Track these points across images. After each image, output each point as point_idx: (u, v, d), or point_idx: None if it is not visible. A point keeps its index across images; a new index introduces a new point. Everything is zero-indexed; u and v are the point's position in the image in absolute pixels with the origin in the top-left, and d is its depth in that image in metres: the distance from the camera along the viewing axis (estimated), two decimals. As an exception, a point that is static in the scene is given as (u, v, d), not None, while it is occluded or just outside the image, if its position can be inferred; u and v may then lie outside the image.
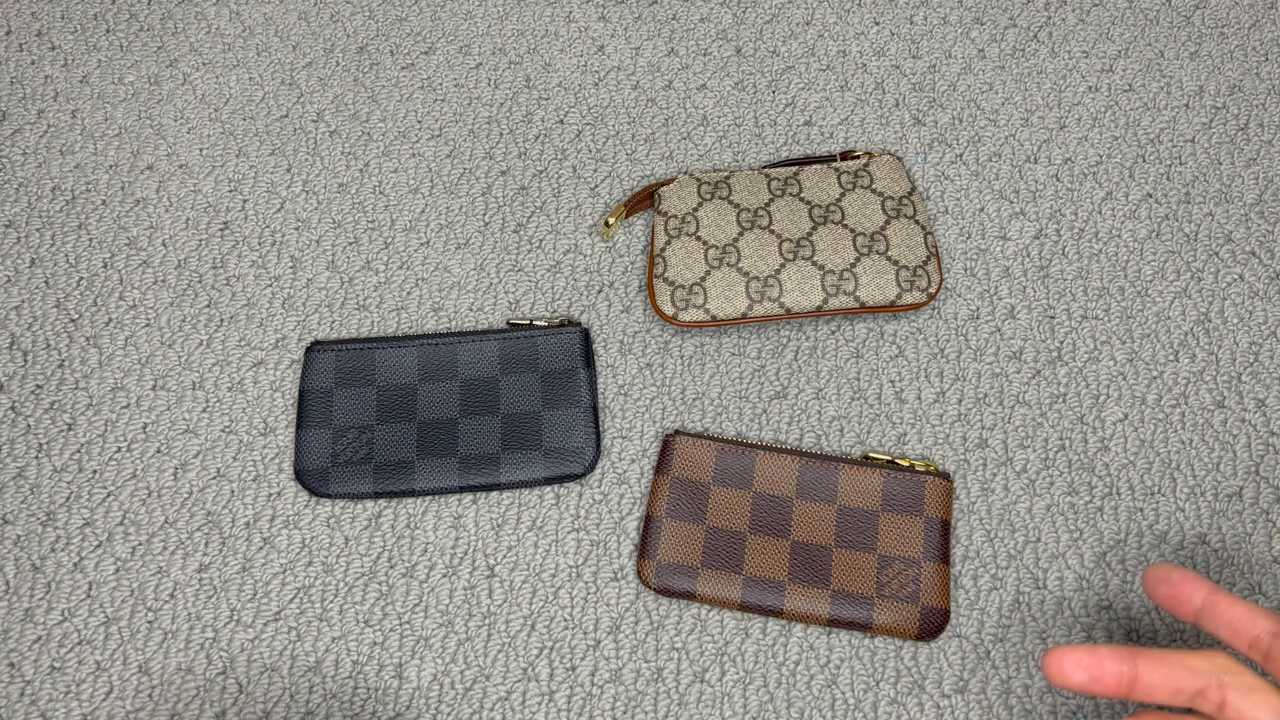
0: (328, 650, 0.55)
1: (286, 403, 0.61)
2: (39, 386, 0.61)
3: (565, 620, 0.56)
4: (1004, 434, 0.60)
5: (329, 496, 0.58)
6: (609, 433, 0.60)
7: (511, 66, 0.72)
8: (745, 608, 0.54)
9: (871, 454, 0.58)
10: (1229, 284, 0.64)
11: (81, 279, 0.65)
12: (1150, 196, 0.66)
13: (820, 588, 0.54)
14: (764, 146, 0.69)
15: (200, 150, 0.69)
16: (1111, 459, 0.59)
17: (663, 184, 0.65)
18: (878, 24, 0.73)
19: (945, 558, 0.55)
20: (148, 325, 0.63)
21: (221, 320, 0.63)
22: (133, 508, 0.58)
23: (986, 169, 0.67)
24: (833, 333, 0.63)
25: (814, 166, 0.65)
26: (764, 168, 0.66)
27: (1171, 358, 0.62)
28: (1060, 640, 0.54)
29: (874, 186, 0.64)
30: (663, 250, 0.62)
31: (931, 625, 0.54)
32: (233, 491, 0.59)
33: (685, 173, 0.67)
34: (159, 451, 0.60)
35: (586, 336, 0.61)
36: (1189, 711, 0.44)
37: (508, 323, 0.63)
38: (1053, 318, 0.63)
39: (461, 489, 0.58)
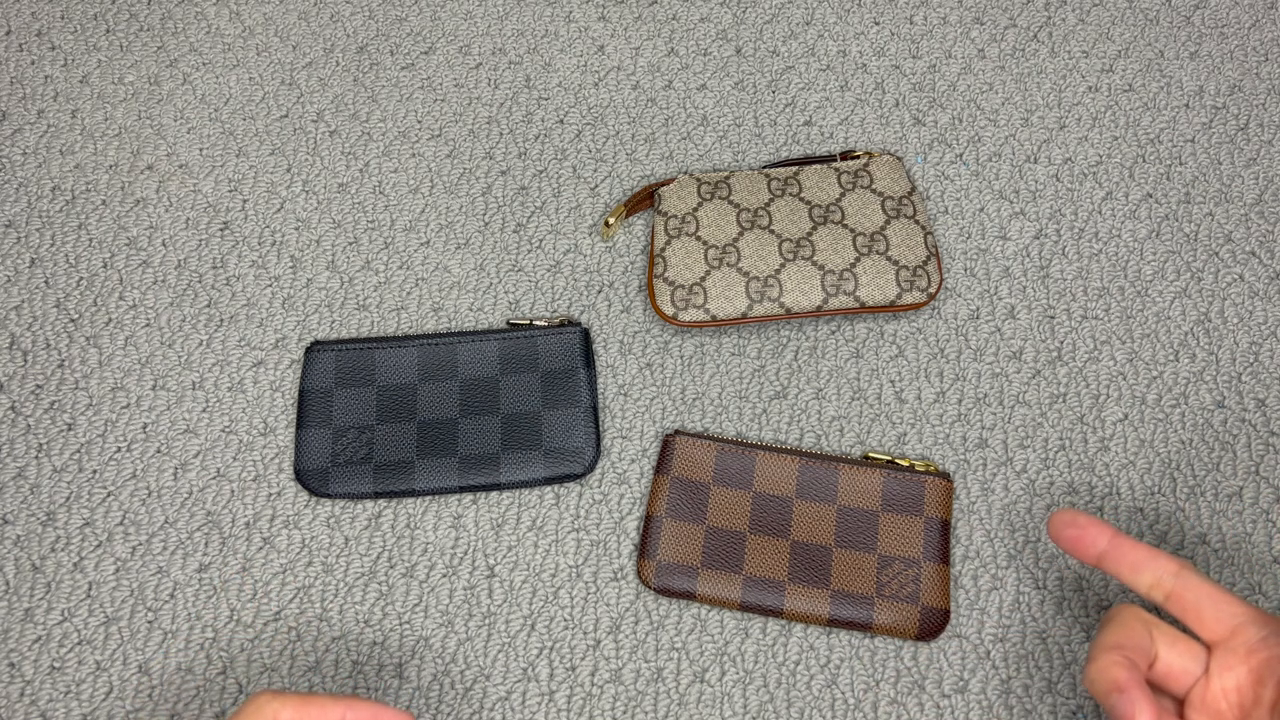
0: (328, 650, 0.55)
1: (286, 403, 0.61)
2: (39, 386, 0.61)
3: (565, 620, 0.55)
4: (1004, 434, 0.60)
5: (329, 496, 0.58)
6: (609, 433, 0.60)
7: (511, 66, 0.72)
8: (745, 608, 0.54)
9: (871, 454, 0.58)
10: (1229, 284, 0.64)
11: (81, 279, 0.65)
12: (1150, 196, 0.66)
13: (820, 588, 0.54)
14: (764, 146, 0.69)
15: (200, 150, 0.69)
16: (1111, 459, 0.59)
17: (663, 184, 0.65)
18: (878, 24, 0.73)
19: (945, 558, 0.55)
20: (148, 325, 0.63)
21: (221, 320, 0.63)
22: (133, 508, 0.58)
23: (986, 169, 0.67)
24: (833, 333, 0.63)
25: (814, 166, 0.65)
26: (764, 168, 0.66)
27: (1171, 358, 0.62)
28: (1061, 640, 0.54)
29: (874, 186, 0.64)
30: (663, 250, 0.62)
31: (931, 625, 0.54)
32: (233, 491, 0.59)
33: (685, 173, 0.67)
34: (159, 451, 0.60)
35: (586, 336, 0.61)
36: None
37: (508, 323, 0.63)
38: (1053, 318, 0.63)
39: (461, 489, 0.58)
